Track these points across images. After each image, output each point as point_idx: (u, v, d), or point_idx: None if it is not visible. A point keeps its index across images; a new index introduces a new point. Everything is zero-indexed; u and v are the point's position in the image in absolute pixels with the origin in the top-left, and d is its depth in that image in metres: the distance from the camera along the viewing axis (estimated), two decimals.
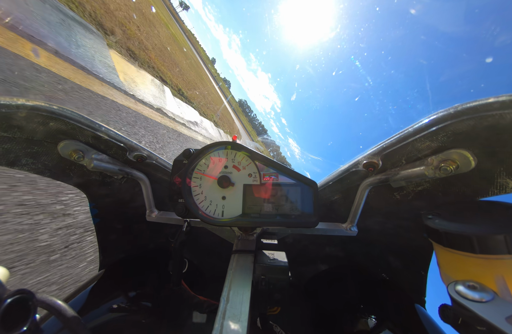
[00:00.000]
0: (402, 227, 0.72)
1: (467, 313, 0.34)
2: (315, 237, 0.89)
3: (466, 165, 0.47)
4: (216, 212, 0.59)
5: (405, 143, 0.54)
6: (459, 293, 0.36)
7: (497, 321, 0.30)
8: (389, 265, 0.82)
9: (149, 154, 0.75)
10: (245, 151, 0.61)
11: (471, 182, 0.51)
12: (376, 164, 0.61)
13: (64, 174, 0.69)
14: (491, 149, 0.46)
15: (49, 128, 0.60)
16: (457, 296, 0.36)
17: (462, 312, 0.35)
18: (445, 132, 0.47)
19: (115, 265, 0.87)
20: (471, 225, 0.44)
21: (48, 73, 4.00)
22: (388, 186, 0.64)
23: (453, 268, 0.46)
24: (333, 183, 0.72)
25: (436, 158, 0.50)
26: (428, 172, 0.50)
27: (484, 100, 0.40)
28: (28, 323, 0.36)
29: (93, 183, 0.76)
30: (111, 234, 0.88)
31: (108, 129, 0.66)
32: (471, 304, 0.34)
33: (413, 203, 0.64)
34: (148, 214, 0.77)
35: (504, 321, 0.30)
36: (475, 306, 0.33)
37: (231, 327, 0.38)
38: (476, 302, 0.34)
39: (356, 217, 0.67)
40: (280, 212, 0.57)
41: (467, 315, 0.34)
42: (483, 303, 0.34)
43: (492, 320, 0.31)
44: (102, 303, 0.69)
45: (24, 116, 0.55)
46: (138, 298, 0.75)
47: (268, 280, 0.49)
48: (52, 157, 0.64)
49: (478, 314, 0.32)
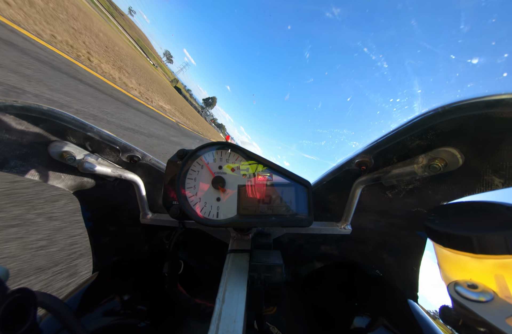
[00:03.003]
0: (394, 224, 0.74)
1: (467, 313, 0.34)
2: (310, 236, 0.90)
3: (454, 163, 0.49)
4: (211, 213, 0.59)
5: (396, 142, 0.55)
6: (459, 293, 0.36)
7: (497, 321, 0.30)
8: (382, 262, 0.83)
9: (143, 155, 0.74)
10: (239, 151, 0.61)
11: (459, 180, 0.53)
12: (369, 162, 0.62)
13: (54, 177, 0.67)
14: (478, 147, 0.47)
15: (38, 129, 0.59)
16: (457, 296, 0.36)
17: (462, 312, 0.35)
18: (434, 130, 0.49)
19: (109, 267, 0.85)
20: (471, 225, 0.44)
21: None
22: (380, 185, 0.65)
23: (453, 268, 0.46)
24: (327, 182, 0.73)
25: (426, 156, 0.51)
26: (418, 170, 0.51)
27: (471, 100, 0.41)
28: (27, 323, 0.35)
29: (85, 185, 0.75)
30: (104, 237, 0.87)
31: (100, 130, 0.65)
32: (471, 304, 0.34)
33: (405, 201, 0.65)
34: (142, 216, 0.76)
35: (504, 321, 0.30)
36: (475, 306, 0.33)
37: (226, 328, 0.38)
38: (476, 302, 0.34)
39: (350, 216, 0.68)
40: (275, 212, 0.57)
41: (467, 315, 0.34)
42: (483, 303, 0.34)
43: (492, 321, 0.31)
44: (96, 307, 0.68)
45: (13, 117, 0.54)
46: (133, 301, 0.74)
47: (263, 279, 0.49)
48: (42, 159, 0.63)
49: (478, 314, 0.32)
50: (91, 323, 0.63)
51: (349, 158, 0.65)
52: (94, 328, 0.62)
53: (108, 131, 0.66)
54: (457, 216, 0.50)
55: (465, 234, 0.42)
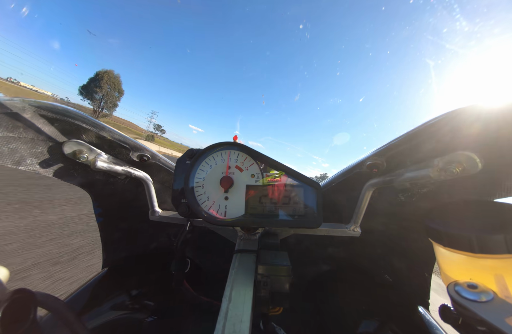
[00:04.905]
0: (405, 228, 0.72)
1: (467, 313, 0.33)
2: (317, 238, 0.89)
3: (473, 167, 0.46)
4: (219, 212, 0.59)
5: (411, 145, 0.53)
6: (459, 293, 0.36)
7: (497, 321, 0.30)
8: (392, 267, 0.81)
9: (152, 154, 0.75)
10: (248, 151, 0.61)
11: (478, 185, 0.51)
12: (381, 165, 0.60)
13: (68, 174, 0.69)
14: (499, 151, 0.45)
15: (53, 128, 0.60)
16: (456, 296, 0.36)
17: (462, 312, 0.34)
18: (452, 133, 0.47)
19: (118, 263, 0.87)
20: (471, 225, 0.44)
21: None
22: (392, 187, 0.63)
23: (453, 268, 0.46)
24: (337, 184, 0.72)
25: (442, 159, 0.49)
26: (434, 174, 0.49)
27: (492, 101, 0.39)
28: (27, 323, 0.36)
29: (97, 182, 0.76)
30: (114, 233, 0.89)
31: (111, 129, 0.66)
32: (471, 304, 0.34)
33: (418, 205, 0.63)
34: (151, 213, 0.77)
35: (504, 321, 0.30)
36: (475, 306, 0.33)
37: (233, 328, 0.38)
38: (476, 302, 0.34)
39: (360, 218, 0.67)
40: (283, 212, 0.57)
41: (467, 315, 0.34)
42: (483, 303, 0.34)
43: (492, 320, 0.30)
44: (105, 301, 0.69)
45: (30, 116, 0.56)
46: (140, 297, 0.75)
47: (270, 280, 0.49)
48: (57, 157, 0.65)
49: (478, 314, 0.32)
50: (99, 316, 0.65)
51: (360, 160, 0.63)
52: (102, 321, 0.64)
53: (119, 131, 0.68)
54: (457, 215, 0.49)
55: (465, 234, 0.41)
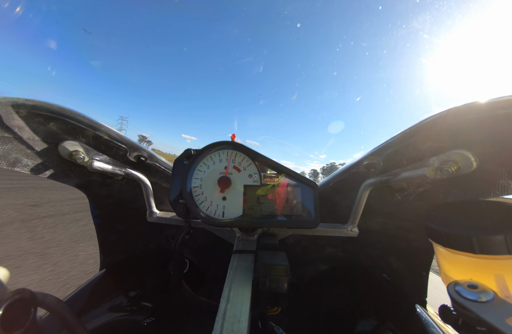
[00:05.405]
0: (403, 228, 0.72)
1: (467, 313, 0.33)
2: (315, 238, 0.89)
3: (468, 166, 0.47)
4: (217, 213, 0.59)
5: (407, 144, 0.53)
6: (459, 293, 0.36)
7: (497, 321, 0.30)
8: (389, 266, 0.82)
9: (150, 155, 0.75)
10: (246, 151, 0.60)
11: (473, 183, 0.51)
12: (378, 164, 0.60)
13: (64, 175, 0.69)
14: (493, 150, 0.45)
15: (49, 128, 0.60)
16: (457, 296, 0.36)
17: (462, 312, 0.34)
18: (447, 132, 0.47)
19: (116, 265, 0.87)
20: (471, 225, 0.44)
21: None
22: (389, 187, 0.64)
23: (453, 268, 0.46)
24: (334, 184, 0.72)
25: (438, 159, 0.49)
26: (429, 173, 0.49)
27: (486, 100, 0.40)
28: (27, 323, 0.36)
29: (94, 184, 0.76)
30: (112, 235, 0.88)
31: (108, 129, 0.66)
32: (471, 304, 0.34)
33: (414, 204, 0.63)
34: (149, 214, 0.76)
35: (504, 321, 0.30)
36: (475, 306, 0.33)
37: (231, 328, 0.38)
38: (476, 302, 0.34)
39: (357, 218, 0.67)
40: (281, 213, 0.57)
41: (467, 315, 0.33)
42: (483, 303, 0.34)
43: (492, 320, 0.30)
44: (103, 302, 0.69)
45: (25, 115, 0.55)
46: (139, 299, 0.75)
47: (268, 280, 0.49)
48: (53, 157, 0.64)
49: (478, 314, 0.32)
50: (97, 318, 0.64)
51: (357, 160, 0.63)
52: (101, 323, 0.63)
53: (117, 131, 0.67)
54: (457, 216, 0.50)
55: (465, 234, 0.41)
